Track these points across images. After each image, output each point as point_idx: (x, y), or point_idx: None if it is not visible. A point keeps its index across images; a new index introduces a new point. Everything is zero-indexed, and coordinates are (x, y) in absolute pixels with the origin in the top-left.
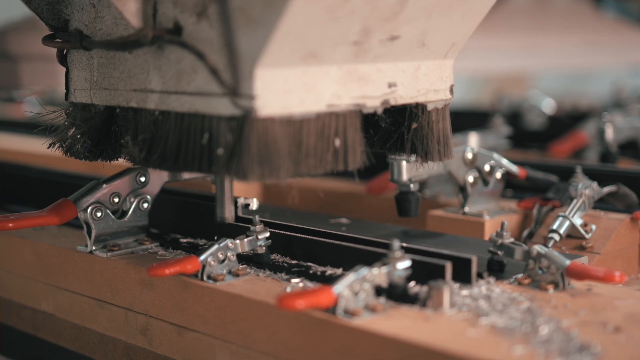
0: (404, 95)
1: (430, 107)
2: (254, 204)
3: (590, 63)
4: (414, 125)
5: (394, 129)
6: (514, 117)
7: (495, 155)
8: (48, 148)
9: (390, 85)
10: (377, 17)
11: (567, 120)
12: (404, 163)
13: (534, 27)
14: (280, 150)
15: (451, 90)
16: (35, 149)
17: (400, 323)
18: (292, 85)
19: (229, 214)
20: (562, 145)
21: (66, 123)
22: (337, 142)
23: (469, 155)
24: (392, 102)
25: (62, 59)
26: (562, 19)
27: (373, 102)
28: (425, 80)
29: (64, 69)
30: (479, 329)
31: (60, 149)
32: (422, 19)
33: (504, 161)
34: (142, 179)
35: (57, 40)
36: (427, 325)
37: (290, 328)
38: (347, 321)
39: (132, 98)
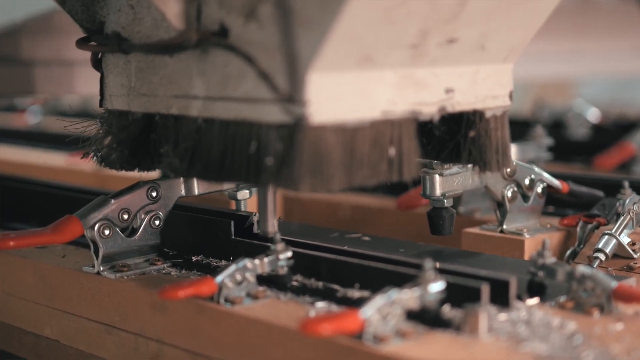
0: (461, 102)
1: (488, 114)
2: None
3: (639, 69)
4: (472, 134)
5: (448, 138)
6: (556, 127)
7: (536, 169)
8: (82, 158)
9: (447, 91)
10: (436, 18)
11: (613, 131)
12: (437, 177)
13: (577, 30)
14: (333, 160)
15: (510, 96)
16: (38, 161)
17: (434, 350)
18: (345, 91)
19: (272, 228)
20: (608, 157)
21: (101, 131)
22: (392, 152)
23: (508, 169)
24: (449, 109)
25: (97, 64)
26: (608, 21)
27: (429, 109)
28: (483, 85)
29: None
30: (519, 356)
31: (95, 159)
32: (482, 21)
33: (545, 175)
34: (154, 194)
35: (93, 43)
36: (462, 352)
37: (314, 355)
38: (375, 348)
39: (172, 105)
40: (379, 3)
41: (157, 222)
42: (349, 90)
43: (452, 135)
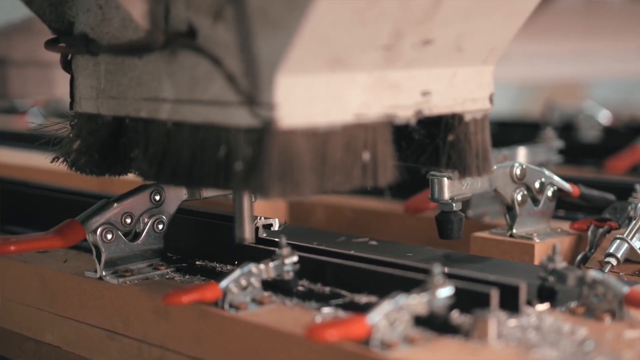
0: (439, 105)
1: (467, 117)
2: (276, 224)
3: None
4: (450, 138)
5: (428, 142)
6: (567, 130)
7: (546, 172)
8: (51, 162)
9: (424, 94)
10: (409, 19)
11: (625, 133)
12: (445, 180)
13: (587, 30)
14: (304, 165)
15: (491, 99)
16: (38, 163)
17: (442, 356)
18: (316, 94)
19: (248, 234)
20: (619, 160)
21: (71, 135)
22: (366, 156)
23: (517, 172)
24: (426, 112)
25: (67, 65)
26: (617, 21)
27: (405, 112)
28: (462, 88)
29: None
30: None
31: (65, 163)
32: (458, 21)
33: (556, 178)
34: (157, 197)
35: (61, 44)
36: (471, 358)
37: None
38: (382, 354)
39: (142, 108)
40: (348, 3)
41: (160, 226)
42: (320, 93)
43: (431, 139)
